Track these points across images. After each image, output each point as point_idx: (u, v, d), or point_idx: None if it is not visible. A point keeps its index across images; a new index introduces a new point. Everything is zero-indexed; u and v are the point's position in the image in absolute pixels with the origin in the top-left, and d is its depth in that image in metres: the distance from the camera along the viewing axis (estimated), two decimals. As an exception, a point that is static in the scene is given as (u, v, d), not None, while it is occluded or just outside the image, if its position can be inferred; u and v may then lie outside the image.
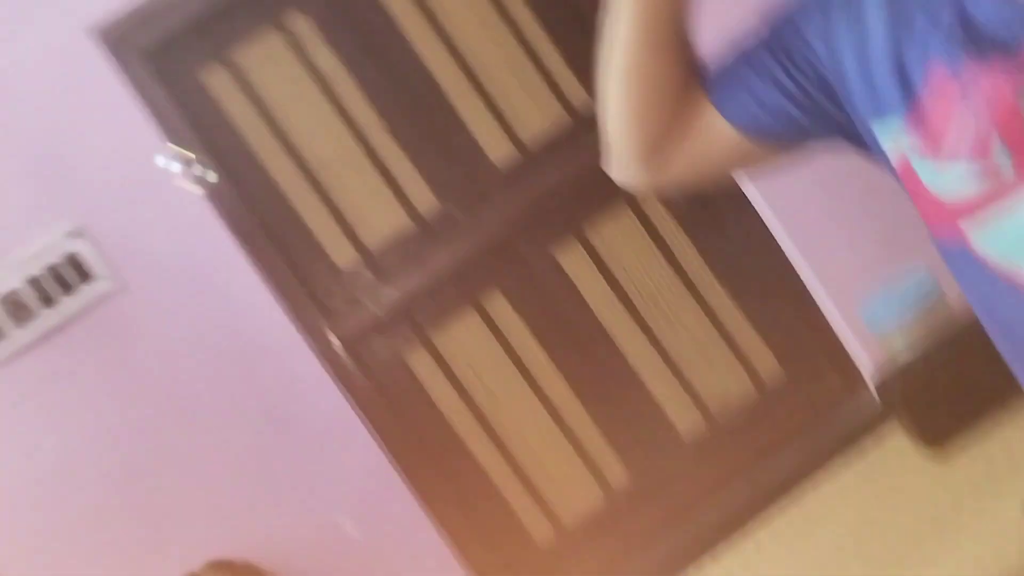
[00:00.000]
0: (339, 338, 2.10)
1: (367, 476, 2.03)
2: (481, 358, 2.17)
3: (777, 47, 0.84)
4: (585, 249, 2.17)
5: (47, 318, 1.93)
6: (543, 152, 2.16)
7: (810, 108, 0.83)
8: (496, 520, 2.14)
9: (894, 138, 0.77)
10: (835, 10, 0.81)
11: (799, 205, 2.05)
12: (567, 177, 2.15)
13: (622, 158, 0.91)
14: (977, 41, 0.72)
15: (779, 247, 2.12)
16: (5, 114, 1.91)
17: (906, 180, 0.77)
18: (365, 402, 2.08)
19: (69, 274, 1.94)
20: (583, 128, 2.15)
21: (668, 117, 0.87)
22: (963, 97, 0.72)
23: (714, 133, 0.87)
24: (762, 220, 2.12)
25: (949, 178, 0.73)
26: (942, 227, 0.76)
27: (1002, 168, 0.70)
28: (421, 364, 2.15)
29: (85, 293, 1.94)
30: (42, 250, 1.93)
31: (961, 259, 0.76)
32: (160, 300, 1.97)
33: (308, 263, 2.11)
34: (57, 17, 1.89)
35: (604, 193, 2.17)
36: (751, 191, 2.09)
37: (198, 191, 1.98)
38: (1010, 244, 0.72)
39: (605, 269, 2.18)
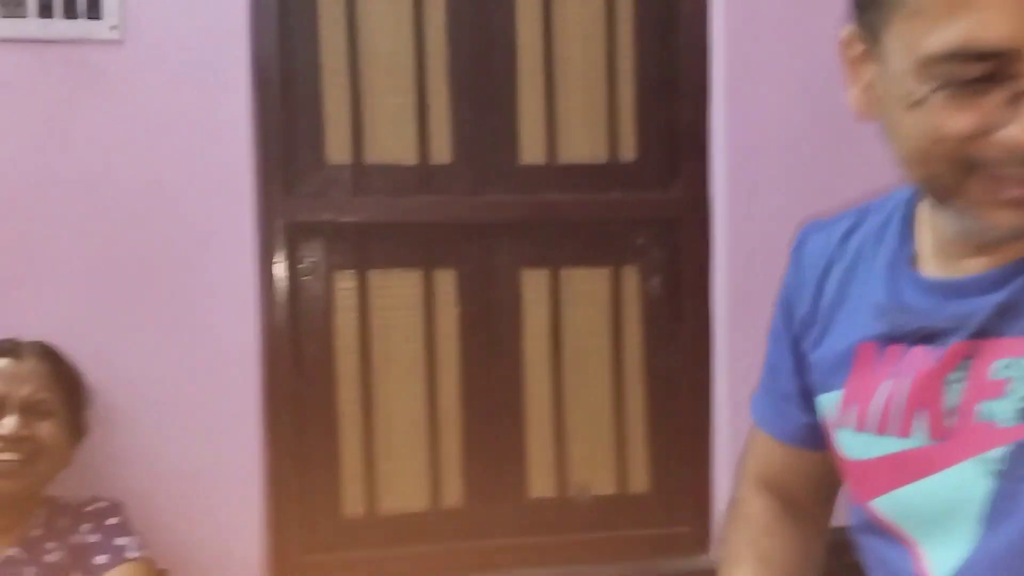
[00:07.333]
0: (285, 220, 2.02)
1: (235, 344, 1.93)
2: (400, 319, 2.11)
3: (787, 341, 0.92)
4: (550, 284, 2.14)
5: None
6: (566, 177, 2.14)
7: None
8: (318, 467, 2.06)
9: (829, 410, 0.84)
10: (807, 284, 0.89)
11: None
12: (577, 212, 2.14)
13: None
14: (905, 325, 0.76)
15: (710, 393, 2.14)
16: None
17: (832, 446, 0.85)
18: (269, 286, 1.99)
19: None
20: (612, 177, 2.15)
21: None
22: (888, 376, 0.76)
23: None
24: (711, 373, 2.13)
25: (864, 447, 0.79)
26: (857, 491, 0.82)
27: (917, 445, 0.74)
28: (343, 288, 2.08)
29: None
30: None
31: (858, 513, 0.83)
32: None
33: (301, 136, 2.03)
34: None
35: (593, 249, 2.17)
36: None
37: None
38: (902, 511, 0.77)
39: (556, 312, 2.15)
